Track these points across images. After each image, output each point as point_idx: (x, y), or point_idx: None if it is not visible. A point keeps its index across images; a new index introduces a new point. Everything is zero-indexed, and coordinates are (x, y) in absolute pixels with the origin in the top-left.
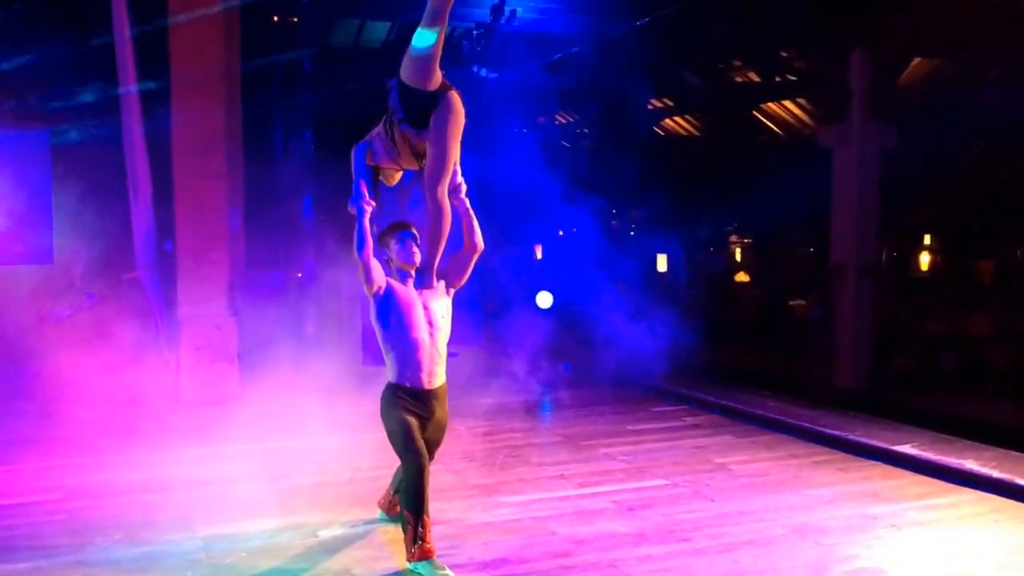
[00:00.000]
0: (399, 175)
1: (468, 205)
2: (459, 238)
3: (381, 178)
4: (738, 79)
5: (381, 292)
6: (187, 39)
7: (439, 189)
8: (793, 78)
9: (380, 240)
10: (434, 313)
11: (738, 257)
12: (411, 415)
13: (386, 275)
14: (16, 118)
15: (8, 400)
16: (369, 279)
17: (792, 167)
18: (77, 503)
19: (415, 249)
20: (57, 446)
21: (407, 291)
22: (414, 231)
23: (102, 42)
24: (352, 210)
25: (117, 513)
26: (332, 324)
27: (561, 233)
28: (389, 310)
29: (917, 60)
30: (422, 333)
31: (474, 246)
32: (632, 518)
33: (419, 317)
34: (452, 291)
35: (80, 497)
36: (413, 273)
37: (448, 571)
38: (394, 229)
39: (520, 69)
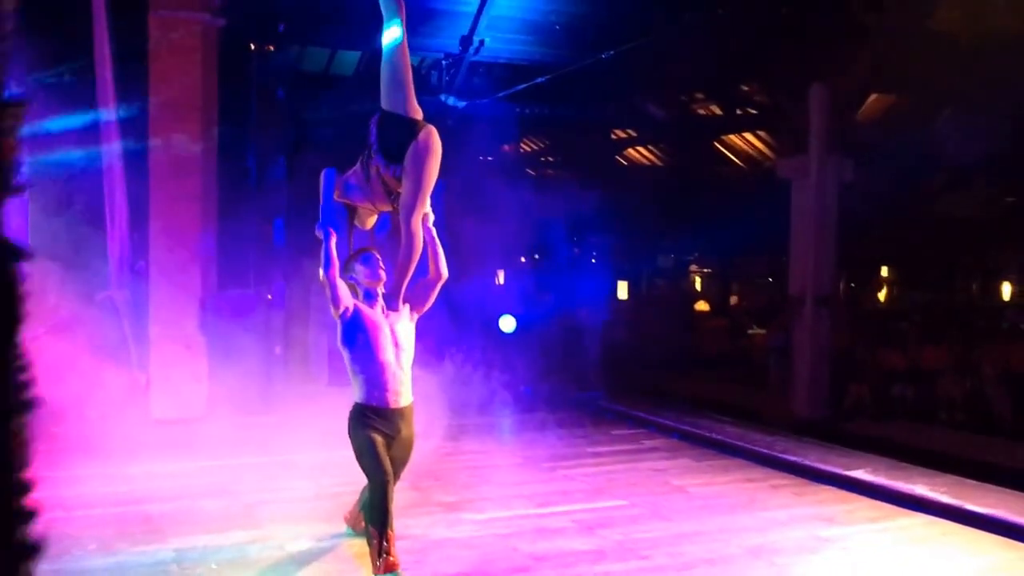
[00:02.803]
0: (374, 218)
1: (435, 234)
2: (424, 265)
3: (356, 222)
4: (700, 111)
5: (348, 314)
6: (166, 66)
7: (413, 218)
8: (754, 111)
9: (346, 266)
10: (399, 334)
11: (698, 286)
12: (377, 433)
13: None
14: None
15: None
16: (336, 299)
17: (753, 198)
18: (51, 515)
19: (381, 266)
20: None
21: (374, 313)
22: (376, 253)
23: (83, 65)
24: (319, 234)
25: (91, 525)
26: (299, 345)
27: (523, 259)
28: (356, 332)
29: (874, 96)
30: (388, 354)
31: (439, 274)
32: (592, 536)
33: (386, 338)
34: (415, 316)
35: (54, 509)
36: (380, 293)
37: None
38: (358, 252)
39: (487, 98)
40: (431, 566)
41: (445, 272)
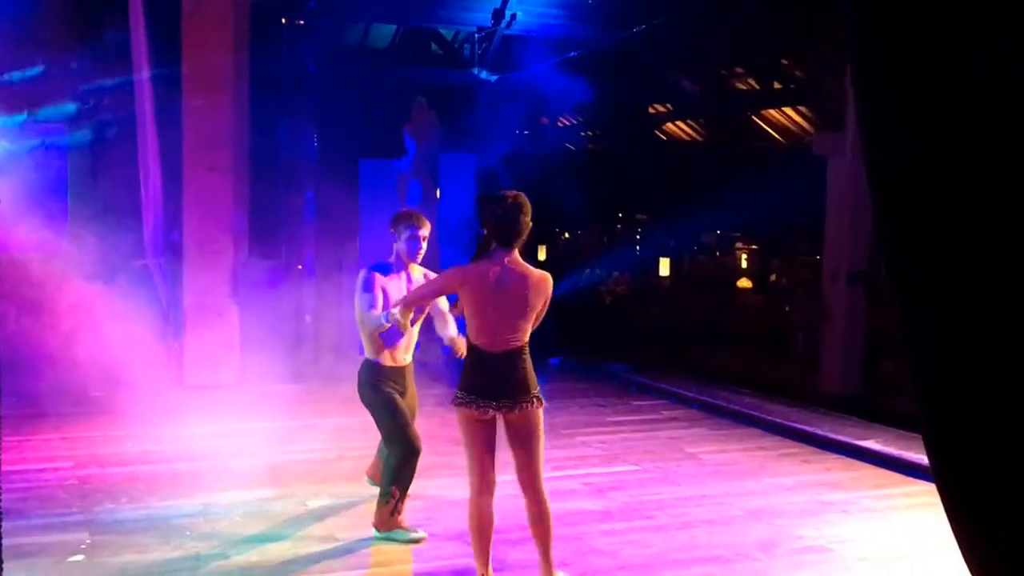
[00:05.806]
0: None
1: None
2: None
3: None
4: (740, 86)
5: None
6: (198, 38)
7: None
8: (792, 86)
9: (394, 222)
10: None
11: (744, 263)
12: (395, 392)
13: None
14: (33, 113)
15: (24, 378)
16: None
17: (795, 173)
18: (87, 471)
19: (422, 247)
20: (69, 421)
21: (396, 280)
22: (423, 233)
23: (117, 40)
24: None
25: (123, 480)
26: (330, 314)
27: (567, 235)
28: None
29: None
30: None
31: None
32: (601, 498)
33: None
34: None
35: (90, 465)
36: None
37: (420, 532)
38: (408, 222)
39: (520, 71)
40: (443, 523)
41: None
